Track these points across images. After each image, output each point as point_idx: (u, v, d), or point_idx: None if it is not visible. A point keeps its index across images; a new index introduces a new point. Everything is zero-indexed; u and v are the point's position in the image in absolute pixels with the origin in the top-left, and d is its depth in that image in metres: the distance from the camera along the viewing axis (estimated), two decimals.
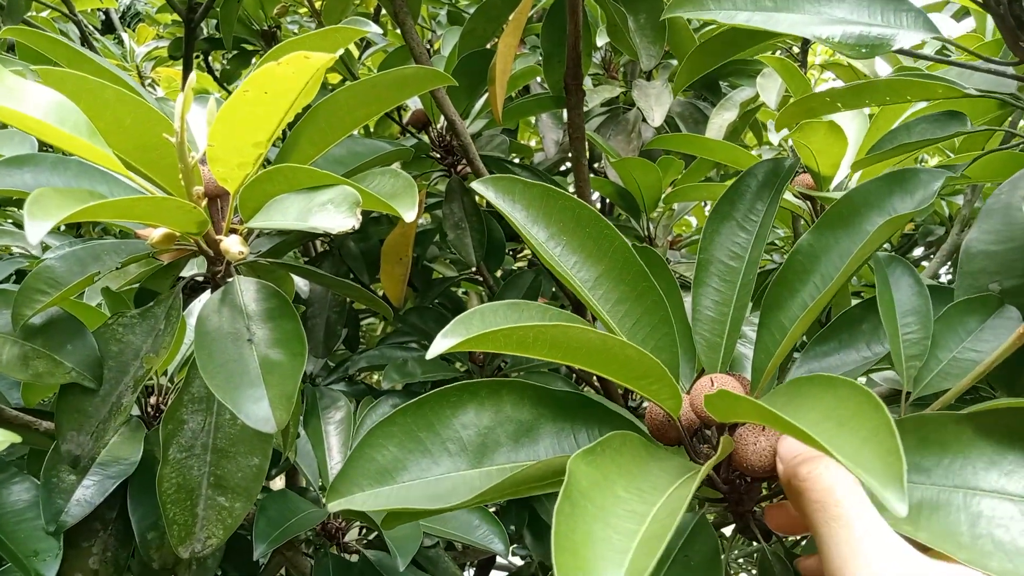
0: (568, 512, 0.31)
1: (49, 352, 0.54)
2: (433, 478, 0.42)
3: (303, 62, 0.34)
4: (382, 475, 0.41)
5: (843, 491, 0.34)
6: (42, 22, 1.44)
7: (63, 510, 0.58)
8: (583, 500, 0.33)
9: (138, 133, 0.46)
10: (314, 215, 0.44)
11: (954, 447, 0.38)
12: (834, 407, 0.34)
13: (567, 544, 0.30)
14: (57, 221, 0.33)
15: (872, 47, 0.50)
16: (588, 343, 0.39)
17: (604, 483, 0.34)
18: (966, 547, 0.35)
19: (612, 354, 0.40)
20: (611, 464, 0.36)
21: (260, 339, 0.47)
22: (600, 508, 0.32)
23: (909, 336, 0.50)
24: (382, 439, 0.42)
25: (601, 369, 0.41)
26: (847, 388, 0.34)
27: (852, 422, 0.31)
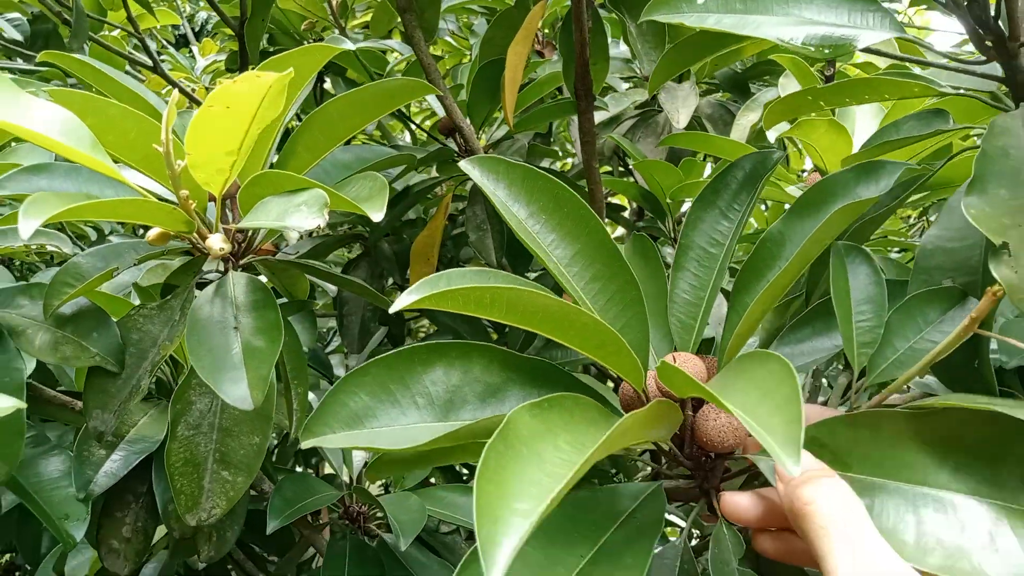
0: (501, 451, 0.33)
1: (77, 338, 0.61)
2: (400, 427, 0.44)
3: (255, 80, 0.39)
4: (353, 420, 0.44)
5: (847, 516, 0.34)
6: (112, 40, 1.56)
7: (92, 480, 0.65)
8: (519, 444, 0.34)
9: (142, 144, 0.52)
10: (290, 215, 0.49)
11: (906, 444, 0.39)
12: (762, 379, 0.37)
13: (493, 477, 0.32)
14: (46, 219, 0.38)
15: (835, 47, 0.51)
16: (544, 308, 0.41)
17: (547, 435, 0.36)
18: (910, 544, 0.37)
19: (569, 320, 0.42)
20: (557, 419, 0.38)
21: (244, 327, 0.52)
22: (537, 455, 0.34)
23: (863, 324, 0.51)
24: (355, 387, 0.45)
25: (559, 335, 0.43)
26: (775, 362, 0.37)
27: (771, 393, 0.34)
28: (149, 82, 1.62)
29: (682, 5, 0.55)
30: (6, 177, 0.52)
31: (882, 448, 0.40)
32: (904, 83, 0.59)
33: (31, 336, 0.59)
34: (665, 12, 0.55)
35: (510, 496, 0.31)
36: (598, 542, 0.40)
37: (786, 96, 0.66)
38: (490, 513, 0.30)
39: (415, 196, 1.11)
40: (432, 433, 0.43)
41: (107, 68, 0.58)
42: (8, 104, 0.43)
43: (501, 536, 0.29)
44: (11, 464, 0.55)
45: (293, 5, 1.07)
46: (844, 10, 0.52)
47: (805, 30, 0.52)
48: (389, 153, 0.77)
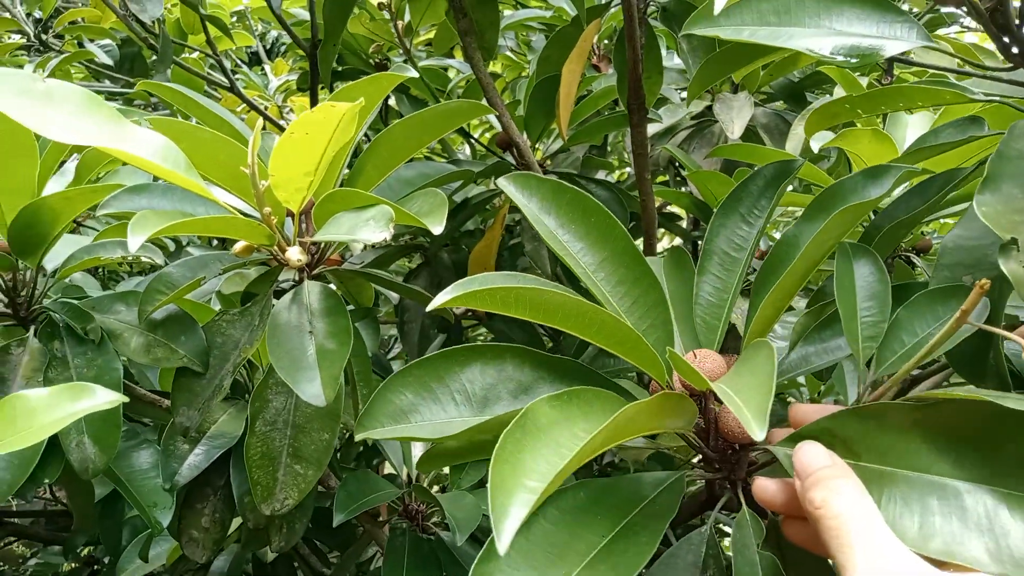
0: (518, 437, 0.37)
1: (167, 341, 0.67)
2: (440, 421, 0.50)
3: (330, 110, 0.44)
4: (398, 415, 0.49)
5: (857, 518, 0.36)
6: (192, 62, 1.66)
7: (177, 472, 0.71)
8: (537, 432, 0.38)
9: (230, 165, 0.57)
10: (359, 229, 0.54)
11: (911, 434, 0.41)
12: (752, 364, 0.42)
13: (509, 459, 0.36)
14: (149, 235, 0.44)
15: (862, 57, 0.53)
16: (563, 306, 0.45)
17: (564, 422, 0.40)
18: (913, 530, 0.39)
19: (588, 318, 0.46)
20: (576, 409, 0.41)
21: (318, 331, 0.57)
22: (554, 440, 0.38)
23: (867, 319, 0.53)
24: (400, 386, 0.50)
25: (582, 332, 0.47)
26: (762, 348, 0.43)
27: (755, 373, 0.39)
28: (225, 100, 1.72)
29: (719, 19, 0.57)
30: (112, 197, 0.58)
31: (889, 438, 0.42)
32: (935, 91, 0.61)
33: (127, 339, 0.66)
34: (703, 26, 0.58)
35: (522, 475, 0.35)
36: (619, 524, 0.44)
37: (824, 104, 0.68)
38: (503, 489, 0.34)
39: (473, 208, 1.15)
40: (467, 426, 0.48)
41: (197, 96, 0.64)
42: (115, 133, 0.49)
43: (510, 507, 0.33)
44: (109, 454, 0.62)
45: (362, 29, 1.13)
46: (873, 22, 0.54)
47: (833, 41, 0.54)
48: (449, 169, 0.81)
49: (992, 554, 0.36)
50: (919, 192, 0.65)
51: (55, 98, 0.48)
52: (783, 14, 0.56)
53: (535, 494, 0.34)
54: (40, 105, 0.47)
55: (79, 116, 0.48)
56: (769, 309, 0.51)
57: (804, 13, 0.56)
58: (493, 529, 0.33)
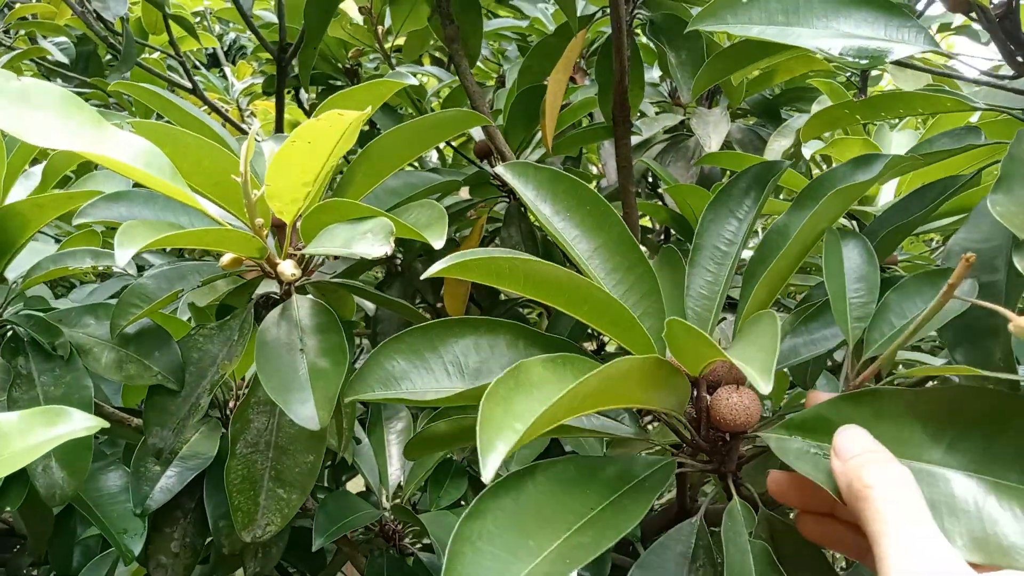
0: (511, 386, 0.37)
1: (140, 357, 0.63)
2: (432, 391, 0.49)
3: (337, 118, 0.41)
4: (389, 381, 0.50)
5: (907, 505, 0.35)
6: (152, 63, 1.60)
7: (149, 495, 0.67)
8: (529, 386, 0.39)
9: (214, 172, 0.54)
10: (356, 242, 0.51)
11: (905, 420, 0.41)
12: (753, 332, 0.43)
13: (500, 402, 0.36)
14: (139, 248, 0.40)
15: (871, 58, 0.54)
16: (557, 279, 0.45)
17: (557, 382, 0.40)
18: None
19: (581, 293, 0.45)
20: (568, 372, 0.41)
21: (310, 349, 0.54)
22: (545, 396, 0.38)
23: (856, 299, 0.53)
24: (393, 352, 0.50)
25: (574, 309, 0.47)
26: (764, 317, 0.44)
27: (758, 339, 0.40)
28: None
29: (727, 16, 0.58)
30: (90, 205, 0.54)
31: (882, 424, 0.41)
32: (937, 97, 0.61)
33: (97, 355, 0.62)
34: (711, 22, 0.59)
35: (511, 417, 0.36)
36: (608, 499, 0.44)
37: (823, 109, 0.69)
38: (491, 425, 0.35)
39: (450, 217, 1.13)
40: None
41: (176, 98, 0.61)
42: (97, 136, 0.45)
43: (496, 441, 0.34)
44: (79, 479, 0.57)
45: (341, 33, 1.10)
46: (880, 25, 0.55)
47: (843, 42, 0.55)
48: (436, 180, 0.79)
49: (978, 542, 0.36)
50: (916, 198, 0.66)
51: (31, 98, 0.44)
52: (791, 14, 0.57)
53: (518, 433, 0.35)
54: (15, 105, 0.43)
55: (58, 118, 0.44)
56: (763, 292, 0.51)
57: (812, 14, 0.56)
58: (480, 461, 0.33)
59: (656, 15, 0.87)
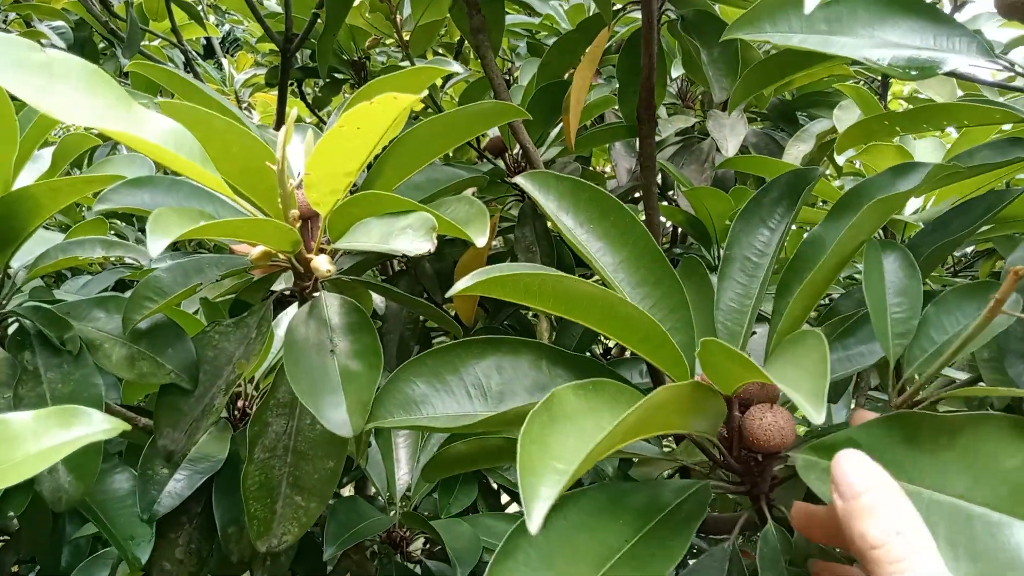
0: (545, 420, 0.36)
1: (153, 354, 0.59)
2: (453, 414, 0.47)
3: (392, 101, 0.38)
4: (409, 406, 0.48)
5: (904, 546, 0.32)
6: (152, 50, 1.56)
7: (156, 500, 0.64)
8: (564, 419, 0.37)
9: (243, 159, 0.51)
10: (394, 238, 0.48)
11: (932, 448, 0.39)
12: (797, 353, 0.40)
13: (537, 439, 0.34)
14: (174, 238, 0.37)
15: (922, 69, 0.52)
16: (588, 296, 0.43)
17: (590, 413, 0.38)
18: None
19: (613, 310, 0.44)
20: (601, 402, 0.40)
21: (341, 350, 0.51)
22: (580, 428, 0.36)
23: (897, 315, 0.52)
24: (412, 376, 0.49)
25: (604, 327, 0.45)
26: (809, 337, 0.40)
27: (803, 359, 0.38)
28: None
29: (765, 25, 0.56)
30: (111, 190, 0.51)
31: (912, 450, 0.39)
32: (984, 108, 0.59)
33: (108, 351, 0.58)
34: (749, 31, 0.57)
35: (549, 456, 0.34)
36: (641, 529, 0.42)
37: (861, 121, 0.66)
38: (531, 468, 0.33)
39: None
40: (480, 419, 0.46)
41: (198, 82, 0.57)
42: (125, 114, 0.42)
43: (540, 487, 0.32)
44: (87, 483, 0.54)
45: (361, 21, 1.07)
46: (929, 34, 0.53)
47: (892, 52, 0.52)
48: (461, 175, 0.76)
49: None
50: (960, 213, 0.63)
51: (55, 71, 0.41)
52: (834, 22, 0.54)
53: (564, 475, 0.33)
54: (39, 78, 0.40)
55: (84, 93, 0.41)
56: (798, 307, 0.49)
57: (856, 23, 0.54)
58: (524, 510, 0.31)
59: (688, 11, 0.84)
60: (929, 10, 0.52)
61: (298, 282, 0.63)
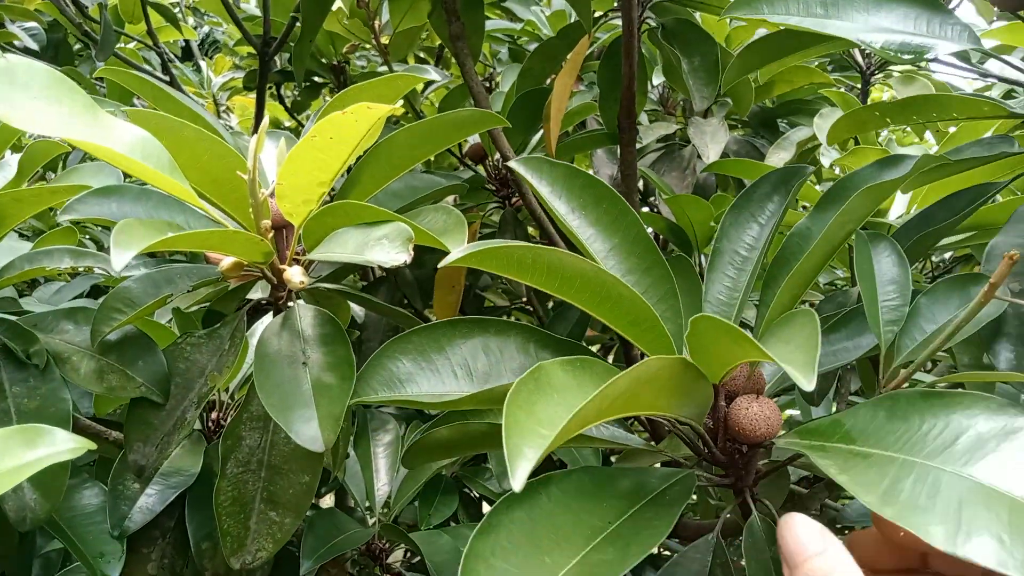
0: (531, 388, 0.35)
1: (122, 367, 0.58)
2: (438, 393, 0.47)
3: (366, 111, 0.37)
4: (393, 383, 0.47)
5: None
6: (128, 53, 1.53)
7: (127, 516, 0.62)
8: (551, 390, 0.36)
9: (213, 168, 0.49)
10: (370, 249, 0.47)
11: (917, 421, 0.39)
12: (789, 333, 0.41)
13: (523, 406, 0.34)
14: (139, 250, 0.36)
15: (914, 54, 0.53)
16: (583, 273, 0.43)
17: (577, 389, 0.38)
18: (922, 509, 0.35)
19: (605, 289, 0.43)
20: (587, 377, 0.39)
21: (314, 362, 0.50)
22: (567, 401, 0.36)
23: (888, 303, 0.52)
24: (398, 353, 0.48)
25: (594, 307, 0.44)
26: (799, 315, 0.41)
27: (794, 337, 0.38)
28: None
29: (762, 6, 0.56)
30: (77, 200, 0.49)
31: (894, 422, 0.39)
32: (973, 101, 0.59)
33: (76, 364, 0.56)
34: (746, 11, 0.58)
35: (536, 421, 0.34)
36: (626, 512, 0.41)
37: (852, 112, 0.66)
38: (518, 430, 0.33)
39: None
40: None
41: (169, 88, 0.56)
42: (90, 123, 0.41)
43: (524, 447, 0.32)
44: (53, 501, 0.52)
45: (338, 27, 1.05)
46: (923, 21, 0.54)
47: (884, 36, 0.53)
48: (440, 183, 0.75)
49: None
50: (943, 207, 0.64)
51: (17, 77, 0.40)
52: (830, 6, 0.56)
53: (547, 439, 0.33)
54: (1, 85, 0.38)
55: (47, 100, 0.39)
56: (786, 296, 0.49)
57: (851, 7, 0.55)
58: (508, 470, 0.31)
59: (668, 19, 0.84)
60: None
61: (273, 292, 0.62)
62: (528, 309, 1.40)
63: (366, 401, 0.47)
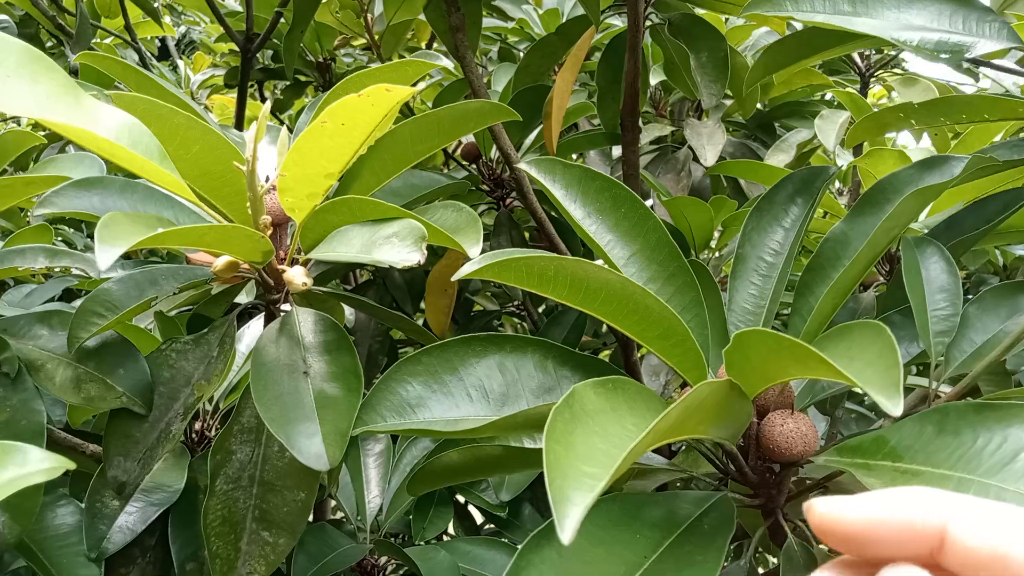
0: (567, 417, 0.32)
1: (102, 376, 0.53)
2: (452, 418, 0.43)
3: (384, 95, 0.34)
4: (403, 409, 0.44)
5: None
6: (105, 48, 1.48)
7: (105, 536, 0.57)
8: (585, 416, 0.33)
9: (205, 160, 0.45)
10: (378, 248, 0.43)
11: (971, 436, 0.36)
12: (854, 347, 0.36)
13: (561, 439, 0.31)
14: (127, 248, 0.32)
15: (952, 52, 0.50)
16: (608, 284, 0.40)
17: (611, 413, 0.35)
18: None
19: (633, 301, 0.40)
20: (622, 401, 0.36)
21: (316, 372, 0.46)
22: (603, 428, 0.33)
23: (938, 312, 0.50)
24: (408, 376, 0.44)
25: (620, 321, 0.42)
26: (861, 327, 0.37)
27: (862, 353, 0.34)
28: None
29: (786, 3, 0.54)
30: (55, 192, 0.45)
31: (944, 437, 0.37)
32: (1006, 101, 0.57)
33: (51, 372, 0.52)
34: (768, 7, 0.55)
35: (577, 457, 0.31)
36: (662, 544, 0.39)
37: (875, 113, 0.64)
38: (560, 469, 0.30)
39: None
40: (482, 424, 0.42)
41: (153, 74, 0.52)
42: (74, 105, 0.37)
43: (571, 490, 0.29)
44: (25, 523, 0.48)
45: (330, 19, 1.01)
46: (959, 18, 0.52)
47: (920, 34, 0.51)
48: (441, 182, 0.72)
49: None
50: (974, 212, 0.62)
51: None
52: (858, 3, 0.53)
53: (596, 480, 0.30)
54: None
55: (24, 79, 0.35)
56: (828, 306, 0.47)
57: (881, 4, 0.53)
58: (555, 518, 0.28)
59: (674, 15, 0.81)
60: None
61: (265, 295, 0.58)
62: (520, 314, 1.36)
63: (374, 430, 0.44)
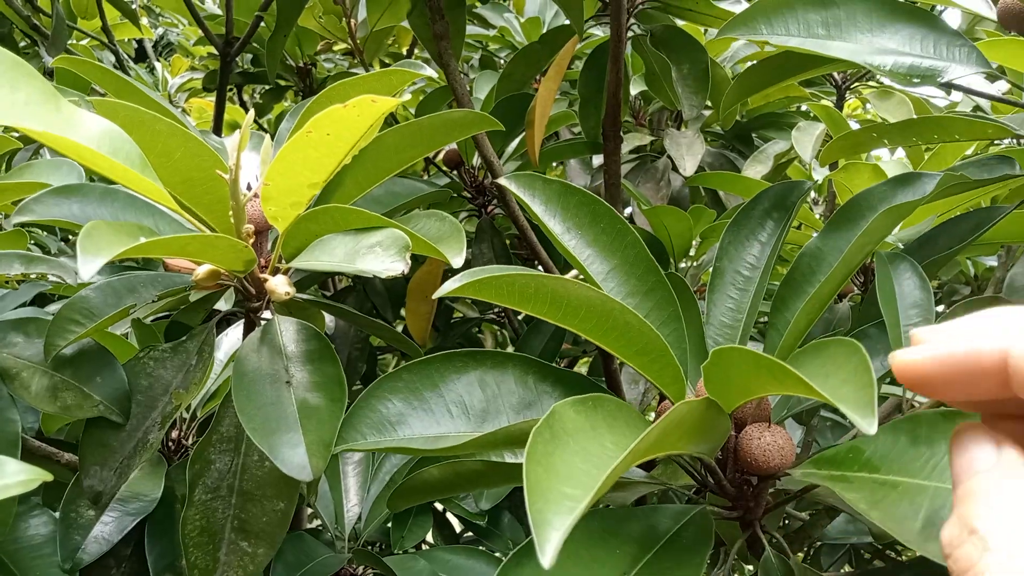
0: (547, 438, 0.32)
1: (78, 384, 0.52)
2: (432, 435, 0.43)
3: (370, 106, 0.34)
4: (383, 426, 0.44)
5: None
6: (81, 50, 1.46)
7: (80, 547, 0.56)
8: (565, 436, 0.34)
9: (187, 167, 0.45)
10: (362, 258, 0.43)
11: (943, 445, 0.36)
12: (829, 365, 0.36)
13: (542, 460, 0.31)
14: (111, 257, 0.32)
15: (923, 77, 0.51)
16: (588, 301, 0.40)
17: (591, 432, 0.35)
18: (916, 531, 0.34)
19: (612, 318, 0.41)
20: (601, 419, 0.37)
21: (299, 382, 0.46)
22: (583, 448, 0.33)
23: (911, 326, 0.51)
24: (388, 393, 0.44)
25: (599, 336, 0.42)
26: (836, 345, 0.36)
27: (838, 371, 0.34)
28: None
29: (761, 26, 0.55)
30: (34, 199, 0.44)
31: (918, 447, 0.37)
32: (977, 123, 0.58)
33: (26, 380, 0.51)
34: (743, 31, 0.56)
35: (557, 479, 0.31)
36: (641, 560, 0.39)
37: (848, 133, 0.65)
38: (540, 492, 0.30)
39: None
40: (462, 441, 0.42)
41: (132, 80, 0.52)
42: (51, 113, 0.36)
43: (552, 515, 0.29)
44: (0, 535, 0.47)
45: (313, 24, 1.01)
46: (929, 42, 0.53)
47: (892, 58, 0.52)
48: (423, 189, 0.71)
49: None
50: (948, 230, 0.63)
51: None
52: (832, 27, 0.54)
53: (576, 502, 0.30)
54: None
55: (5, 87, 0.35)
56: (803, 320, 0.48)
57: (855, 28, 0.53)
58: (535, 541, 0.28)
59: (656, 27, 0.82)
60: (929, 18, 0.51)
61: (245, 303, 0.57)
62: (500, 321, 1.36)
63: (354, 448, 0.44)
